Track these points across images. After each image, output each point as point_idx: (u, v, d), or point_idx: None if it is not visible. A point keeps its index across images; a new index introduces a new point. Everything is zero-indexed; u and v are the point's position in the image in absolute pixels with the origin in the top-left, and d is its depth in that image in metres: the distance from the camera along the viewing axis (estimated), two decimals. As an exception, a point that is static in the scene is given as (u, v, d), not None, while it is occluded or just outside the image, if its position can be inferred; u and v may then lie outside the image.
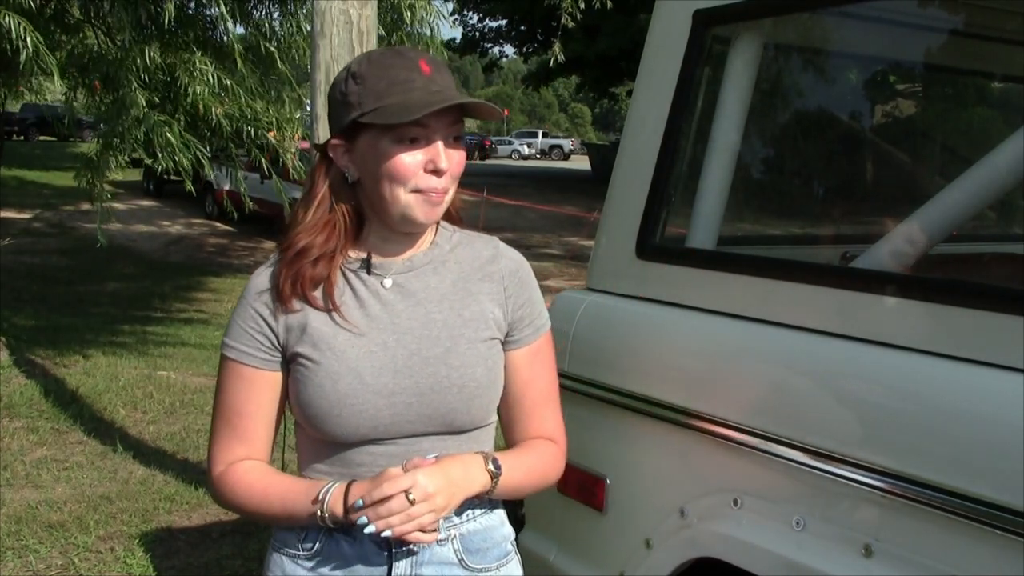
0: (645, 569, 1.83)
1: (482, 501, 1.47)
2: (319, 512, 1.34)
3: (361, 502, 1.30)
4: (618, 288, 2.07)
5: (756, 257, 2.03)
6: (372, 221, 1.42)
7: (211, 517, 4.03)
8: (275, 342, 1.40)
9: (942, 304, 1.47)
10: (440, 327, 1.42)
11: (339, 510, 1.33)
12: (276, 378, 1.42)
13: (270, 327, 1.40)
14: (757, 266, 1.83)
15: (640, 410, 1.87)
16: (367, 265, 1.42)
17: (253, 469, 1.42)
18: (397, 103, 1.31)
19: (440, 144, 1.35)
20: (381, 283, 1.41)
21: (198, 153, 5.26)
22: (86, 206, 15.73)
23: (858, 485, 1.46)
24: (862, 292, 1.58)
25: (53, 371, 6.36)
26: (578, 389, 2.01)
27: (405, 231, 1.42)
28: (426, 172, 1.35)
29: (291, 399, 1.43)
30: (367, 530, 1.30)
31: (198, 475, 4.42)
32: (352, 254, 1.42)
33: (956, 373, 1.41)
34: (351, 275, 1.41)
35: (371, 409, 1.37)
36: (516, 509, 2.35)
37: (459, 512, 1.44)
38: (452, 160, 1.36)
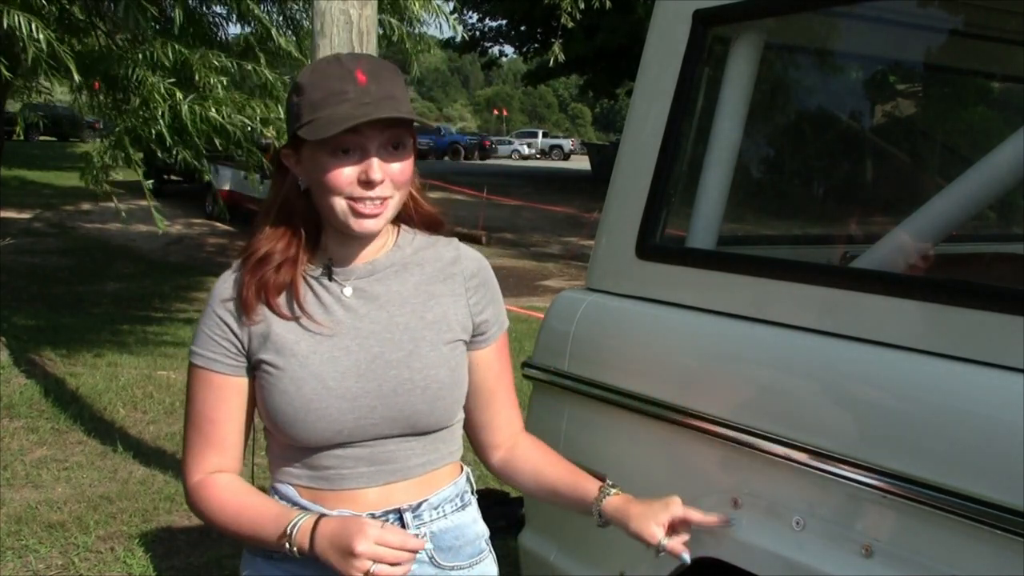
0: (645, 569, 1.82)
1: (454, 499, 1.51)
2: (287, 545, 1.35)
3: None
4: (618, 288, 2.07)
5: (756, 257, 2.03)
6: (328, 227, 1.42)
7: (211, 517, 4.03)
8: (240, 348, 1.41)
9: (942, 304, 1.47)
10: (402, 330, 1.43)
11: (306, 544, 1.34)
12: (243, 384, 1.43)
13: (235, 333, 1.41)
14: (757, 266, 1.83)
15: (640, 410, 1.87)
16: (328, 271, 1.43)
17: (228, 486, 1.43)
18: (327, 116, 1.31)
19: (373, 156, 1.34)
20: (342, 291, 1.42)
21: (238, 127, 5.10)
22: (86, 206, 15.75)
23: (858, 485, 1.46)
24: (862, 292, 1.58)
25: (53, 371, 6.35)
26: (578, 389, 2.01)
27: (353, 236, 1.42)
28: (360, 183, 1.34)
29: (259, 406, 1.44)
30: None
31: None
32: (313, 261, 1.43)
33: (956, 373, 1.41)
34: (313, 282, 1.42)
35: (335, 413, 1.38)
36: (516, 509, 2.35)
37: (432, 509, 1.47)
38: (390, 170, 1.35)
